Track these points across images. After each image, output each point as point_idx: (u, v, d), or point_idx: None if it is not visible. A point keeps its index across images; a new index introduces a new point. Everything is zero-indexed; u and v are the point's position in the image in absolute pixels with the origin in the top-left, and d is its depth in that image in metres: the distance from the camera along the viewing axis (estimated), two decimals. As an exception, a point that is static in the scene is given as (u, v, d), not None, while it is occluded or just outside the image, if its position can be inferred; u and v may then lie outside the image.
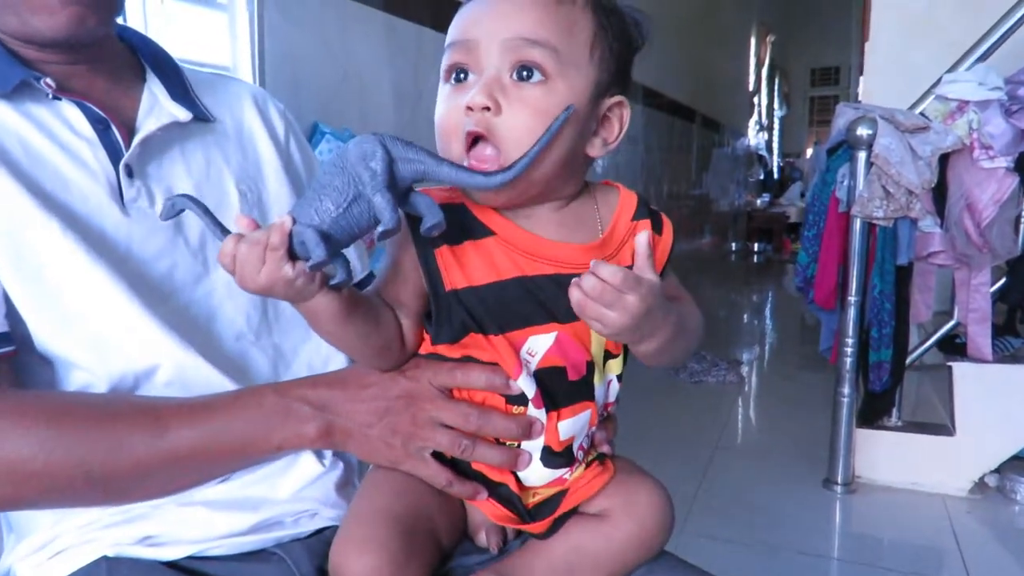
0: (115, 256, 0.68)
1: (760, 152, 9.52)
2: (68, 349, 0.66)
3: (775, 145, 10.92)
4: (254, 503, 0.70)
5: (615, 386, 0.72)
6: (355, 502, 0.66)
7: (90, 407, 0.65)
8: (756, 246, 8.62)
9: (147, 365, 0.68)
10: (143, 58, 0.80)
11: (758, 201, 9.16)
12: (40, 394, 0.66)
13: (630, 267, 0.62)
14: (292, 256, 0.55)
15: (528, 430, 0.66)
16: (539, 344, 0.64)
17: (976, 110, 1.99)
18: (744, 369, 3.67)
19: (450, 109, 0.62)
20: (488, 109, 0.59)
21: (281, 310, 0.80)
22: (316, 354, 0.80)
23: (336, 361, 0.81)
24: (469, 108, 0.59)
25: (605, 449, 0.73)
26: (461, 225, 0.63)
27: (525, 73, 0.60)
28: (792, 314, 5.79)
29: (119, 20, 0.80)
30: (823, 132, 11.53)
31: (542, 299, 0.63)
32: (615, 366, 0.70)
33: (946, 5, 2.71)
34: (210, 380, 0.70)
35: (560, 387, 0.66)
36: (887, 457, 2.27)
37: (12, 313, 0.65)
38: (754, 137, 9.11)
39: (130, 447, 0.63)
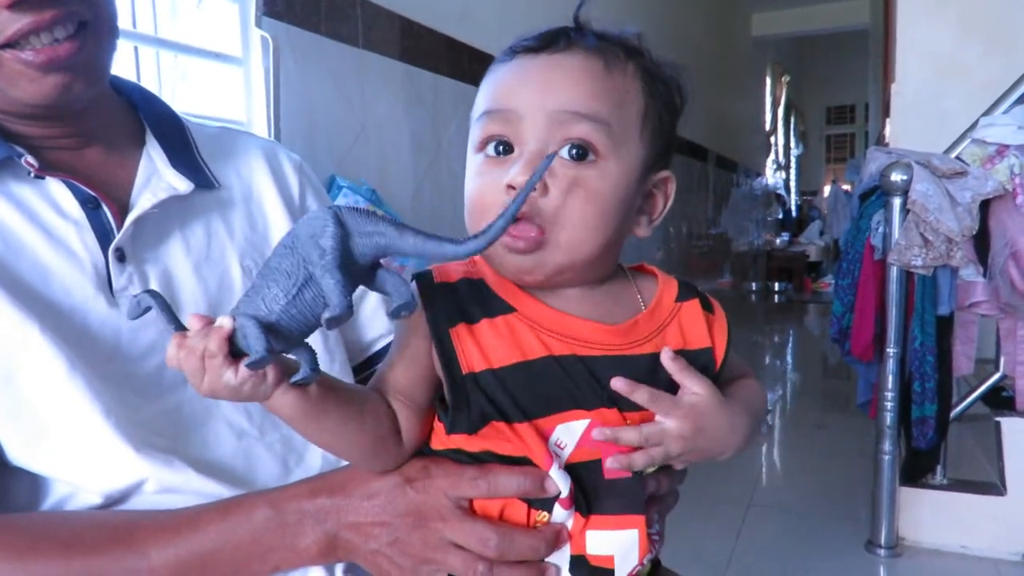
0: (99, 358, 0.61)
1: (778, 191, 9.47)
2: (43, 464, 0.60)
3: (793, 184, 10.87)
4: None
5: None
6: None
7: (56, 538, 0.58)
8: (777, 286, 8.50)
9: (130, 482, 0.61)
10: (143, 116, 0.74)
11: (777, 240, 9.07)
12: (1, 523, 0.58)
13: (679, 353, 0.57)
14: (238, 355, 0.48)
15: (554, 541, 0.57)
16: (569, 434, 0.56)
17: (1017, 154, 1.91)
18: (771, 416, 3.55)
19: (487, 184, 0.56)
20: (533, 190, 0.53)
21: None
22: None
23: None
24: (511, 187, 0.54)
25: None
26: (479, 302, 0.57)
27: (575, 152, 0.54)
28: (815, 355, 5.67)
29: (128, 75, 0.74)
30: (839, 170, 11.51)
31: (571, 383, 0.56)
32: None
33: (974, 47, 2.65)
34: (203, 488, 0.62)
35: (594, 485, 0.57)
36: (933, 518, 2.14)
37: None
38: (772, 176, 9.06)
39: None
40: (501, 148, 0.56)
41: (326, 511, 0.58)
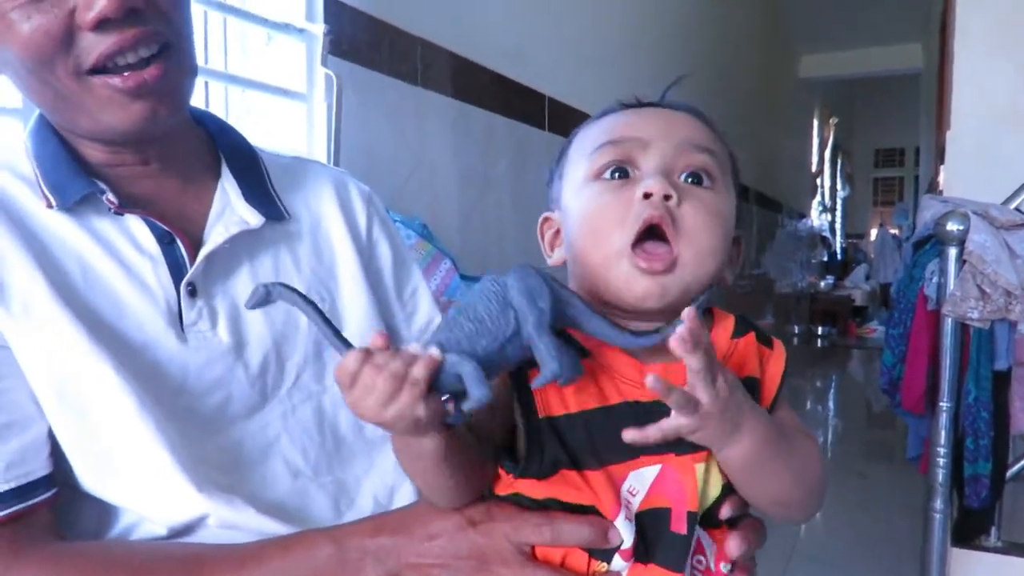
0: (166, 393, 0.63)
1: (823, 233, 9.32)
2: (111, 494, 0.62)
3: (838, 226, 10.70)
4: None
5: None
6: None
7: (128, 565, 0.60)
8: (820, 329, 8.32)
9: (193, 517, 0.63)
10: (220, 147, 0.76)
11: (821, 283, 8.90)
12: (76, 549, 0.61)
13: None
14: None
15: None
16: (643, 480, 0.56)
17: (1080, 208, 1.86)
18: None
19: (610, 203, 0.59)
20: (669, 198, 0.57)
21: (342, 439, 0.73)
22: (381, 486, 0.73)
23: (402, 492, 0.74)
24: (647, 195, 0.57)
25: None
26: None
27: (694, 178, 0.60)
28: (859, 401, 5.53)
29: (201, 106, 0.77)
30: (887, 213, 11.31)
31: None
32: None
33: (1034, 95, 2.60)
34: (262, 527, 0.64)
35: (660, 537, 0.57)
36: (986, 582, 2.05)
37: (56, 450, 0.60)
38: (817, 218, 8.94)
39: None
40: (617, 174, 0.60)
41: (387, 550, 0.59)
